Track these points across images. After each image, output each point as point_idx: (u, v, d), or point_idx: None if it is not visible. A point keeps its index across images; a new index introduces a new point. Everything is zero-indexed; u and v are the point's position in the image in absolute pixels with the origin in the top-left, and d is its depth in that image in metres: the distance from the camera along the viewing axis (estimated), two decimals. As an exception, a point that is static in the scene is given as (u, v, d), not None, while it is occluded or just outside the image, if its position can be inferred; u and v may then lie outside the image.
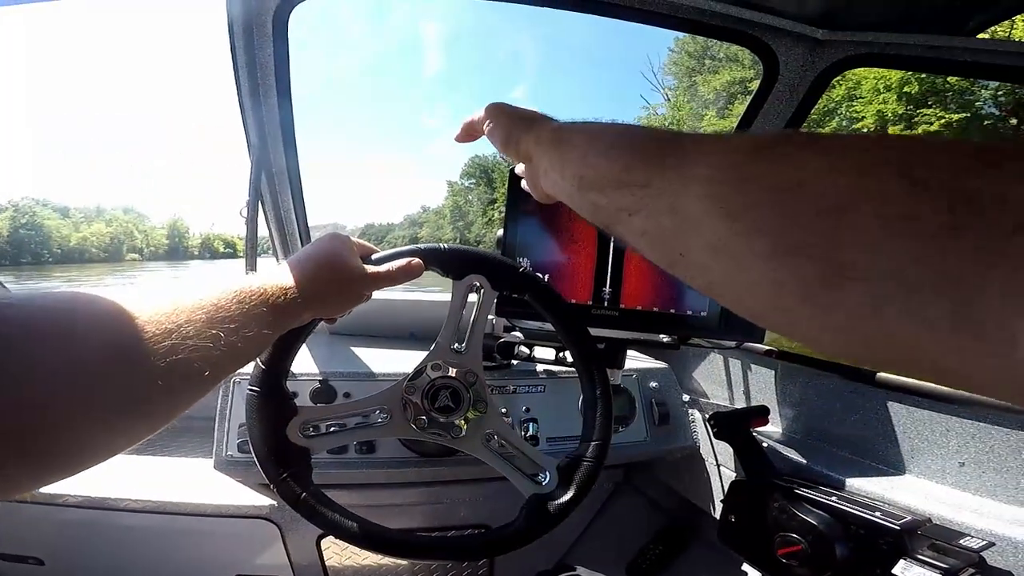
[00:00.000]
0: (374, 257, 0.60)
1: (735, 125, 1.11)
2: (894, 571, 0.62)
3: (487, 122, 0.49)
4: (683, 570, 1.24)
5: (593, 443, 0.67)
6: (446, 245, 0.65)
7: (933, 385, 0.81)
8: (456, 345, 0.68)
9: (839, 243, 0.21)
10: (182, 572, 1.10)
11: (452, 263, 0.65)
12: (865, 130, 19.13)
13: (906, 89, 17.37)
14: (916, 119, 17.42)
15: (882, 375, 0.87)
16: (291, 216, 1.18)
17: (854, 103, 19.12)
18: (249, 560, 1.08)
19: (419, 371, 0.66)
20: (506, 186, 0.79)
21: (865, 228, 0.20)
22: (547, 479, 0.66)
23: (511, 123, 0.46)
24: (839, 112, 19.64)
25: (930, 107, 17.21)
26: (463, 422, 0.66)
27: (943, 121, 16.70)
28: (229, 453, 0.86)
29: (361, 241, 0.60)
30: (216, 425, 0.88)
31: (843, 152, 0.22)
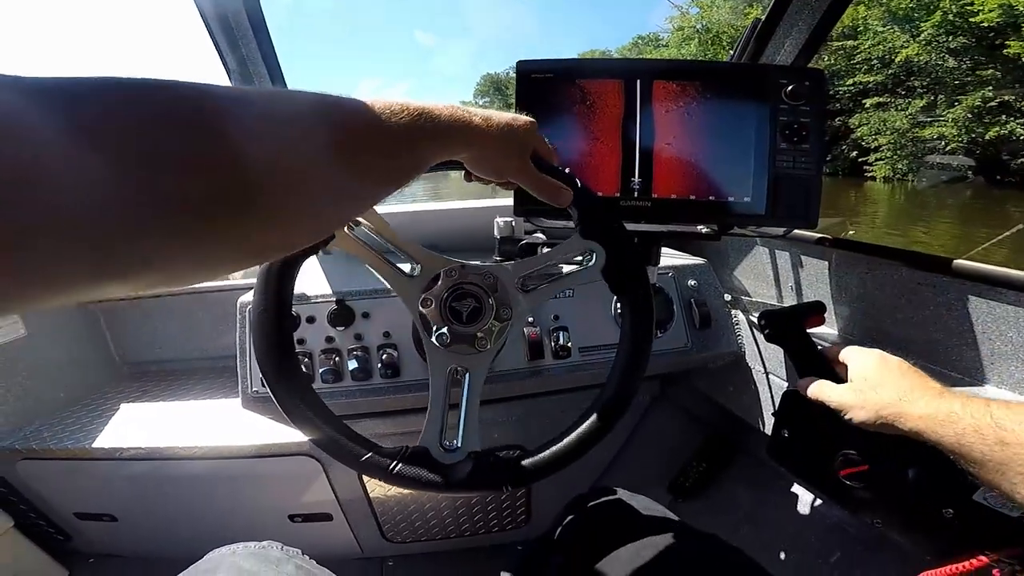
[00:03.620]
0: (543, 161, 0.55)
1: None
2: (975, 497, 0.53)
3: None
4: (728, 488, 1.19)
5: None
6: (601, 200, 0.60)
7: (1022, 273, 0.65)
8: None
9: None
10: (239, 516, 1.13)
11: (591, 222, 0.59)
12: (985, 23, 15.55)
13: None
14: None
15: (959, 262, 0.71)
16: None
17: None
18: (297, 498, 1.09)
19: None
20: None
21: None
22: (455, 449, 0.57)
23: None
24: (942, 6, 16.70)
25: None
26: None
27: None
28: (255, 389, 0.84)
29: (548, 144, 0.56)
30: (237, 361, 0.85)
31: None
